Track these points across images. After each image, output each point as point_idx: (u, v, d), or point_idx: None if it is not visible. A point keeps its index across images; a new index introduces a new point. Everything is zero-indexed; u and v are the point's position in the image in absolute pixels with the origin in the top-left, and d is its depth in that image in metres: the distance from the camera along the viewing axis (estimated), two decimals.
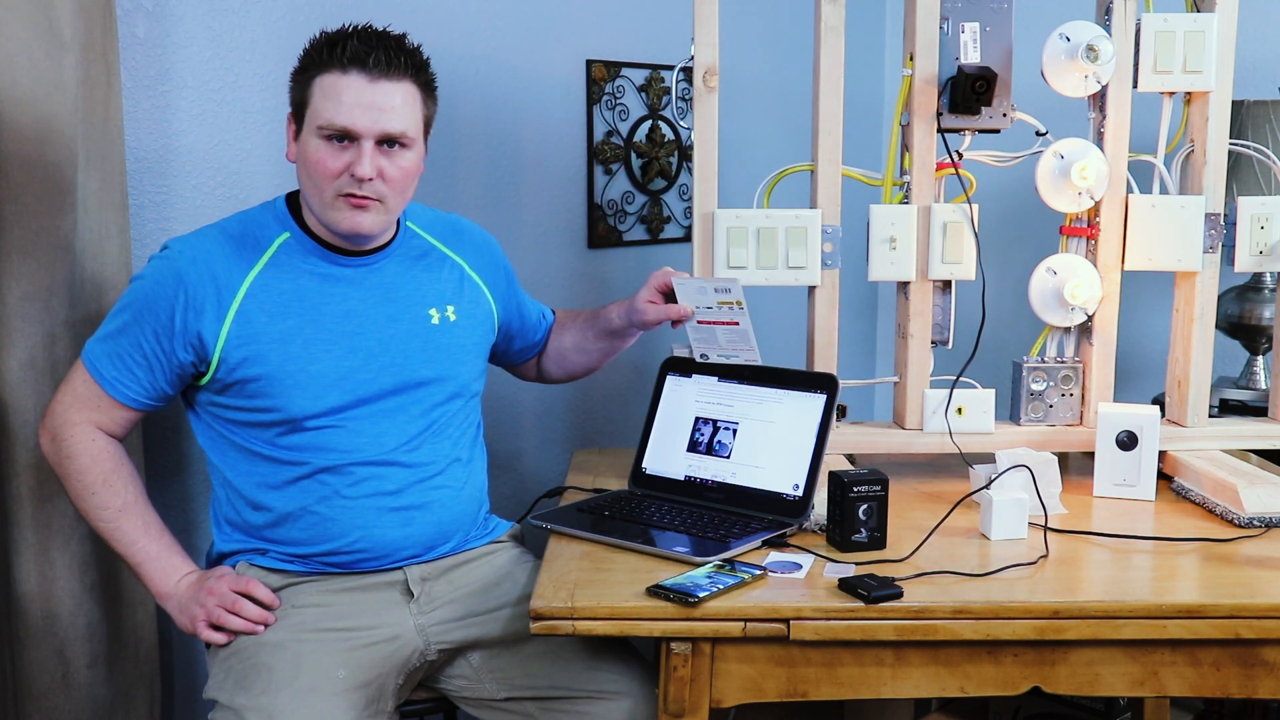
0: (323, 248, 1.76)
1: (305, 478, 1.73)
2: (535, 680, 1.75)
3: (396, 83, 1.68)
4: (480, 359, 1.90)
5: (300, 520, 1.74)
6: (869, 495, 1.70)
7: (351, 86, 1.65)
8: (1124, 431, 1.96)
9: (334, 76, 1.66)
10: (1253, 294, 2.49)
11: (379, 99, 1.66)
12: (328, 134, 1.66)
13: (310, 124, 1.68)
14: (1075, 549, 1.74)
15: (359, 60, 1.65)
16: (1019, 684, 1.57)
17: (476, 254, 1.93)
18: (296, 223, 1.77)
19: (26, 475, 1.82)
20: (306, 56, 1.70)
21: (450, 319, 1.84)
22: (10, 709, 1.88)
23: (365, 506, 1.74)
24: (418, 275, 1.83)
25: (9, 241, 1.78)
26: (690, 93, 1.98)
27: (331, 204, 1.69)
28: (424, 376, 1.79)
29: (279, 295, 1.73)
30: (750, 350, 1.89)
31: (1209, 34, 1.98)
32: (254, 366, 1.70)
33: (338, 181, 1.68)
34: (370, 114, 1.66)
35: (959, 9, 1.97)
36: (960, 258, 2.02)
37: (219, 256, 1.72)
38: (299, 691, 1.62)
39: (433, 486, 1.79)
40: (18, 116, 1.76)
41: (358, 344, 1.75)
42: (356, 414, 1.74)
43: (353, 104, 1.65)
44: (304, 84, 1.69)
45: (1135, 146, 2.04)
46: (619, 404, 2.73)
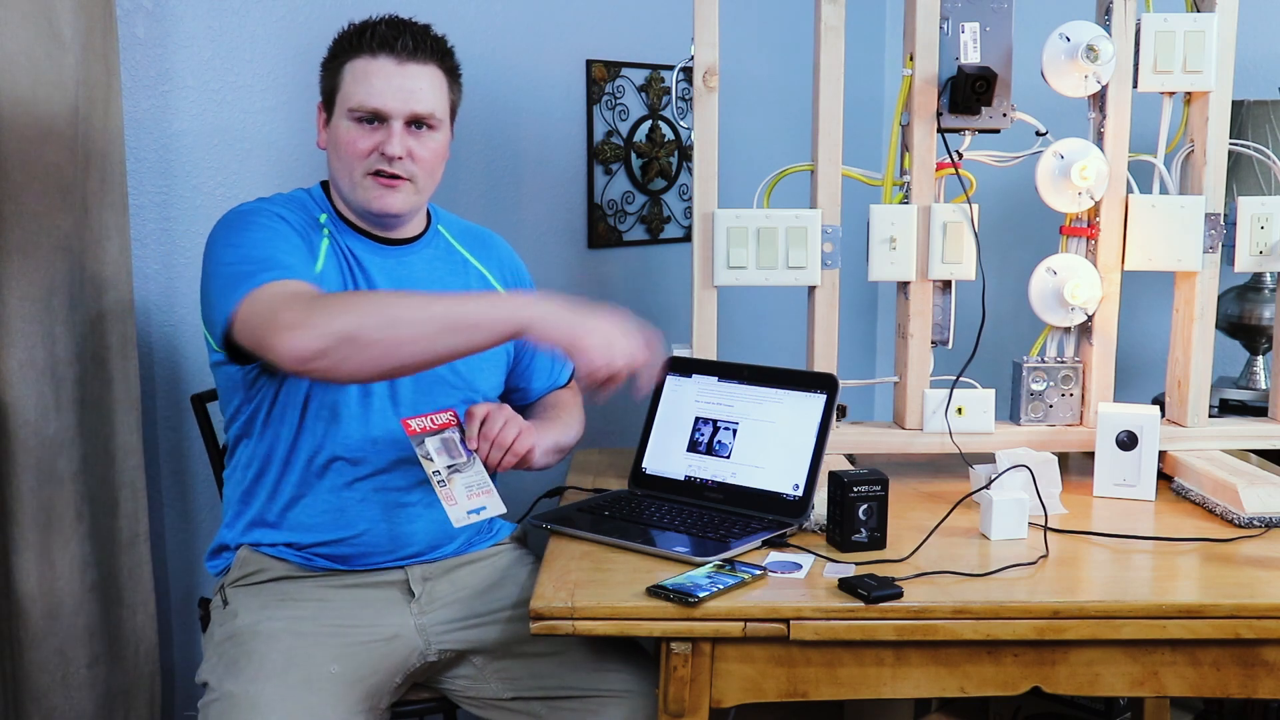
0: (357, 233, 1.79)
1: (325, 465, 1.74)
2: (543, 680, 1.75)
3: (423, 65, 1.73)
4: (498, 372, 1.90)
5: (315, 503, 1.74)
6: (869, 495, 1.70)
7: (381, 70, 1.71)
8: (1124, 431, 1.96)
9: (364, 61, 1.71)
10: (1253, 294, 2.49)
11: (407, 81, 1.72)
12: (358, 116, 1.71)
13: (341, 108, 1.73)
14: (1075, 549, 1.74)
15: (387, 44, 1.71)
16: (1019, 684, 1.57)
17: (501, 267, 1.95)
18: (333, 209, 1.80)
19: (26, 475, 1.82)
20: (336, 45, 1.76)
21: None
22: (10, 709, 1.88)
23: (374, 500, 1.75)
24: (443, 278, 1.85)
25: (9, 241, 1.78)
26: (690, 93, 1.98)
27: (361, 183, 1.73)
28: (440, 378, 1.79)
29: (344, 261, 1.76)
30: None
31: (1209, 34, 1.98)
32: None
33: (367, 160, 1.72)
34: (399, 95, 1.71)
35: (959, 9, 1.97)
36: (960, 258, 2.02)
37: (294, 215, 1.74)
38: (289, 683, 1.62)
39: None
40: (18, 116, 1.76)
41: None
42: (379, 407, 1.75)
43: (382, 86, 1.70)
44: (334, 71, 1.74)
45: (1135, 146, 2.04)
46: (619, 404, 2.73)
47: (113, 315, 1.93)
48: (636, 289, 2.77)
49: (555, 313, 1.56)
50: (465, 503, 1.69)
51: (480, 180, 2.46)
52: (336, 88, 1.74)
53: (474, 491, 1.71)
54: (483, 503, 1.71)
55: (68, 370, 1.86)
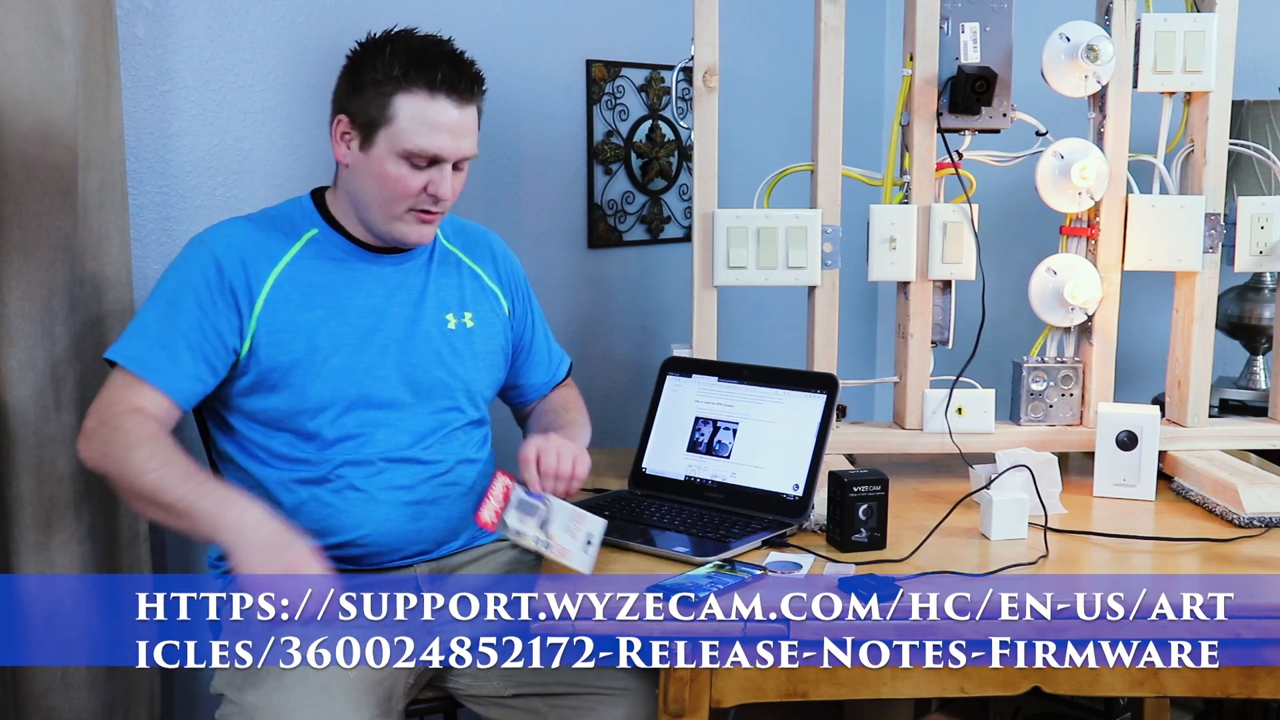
0: (350, 243, 1.78)
1: (324, 475, 1.73)
2: (544, 677, 1.75)
3: (472, 106, 1.72)
4: (494, 369, 1.90)
5: (313, 510, 1.73)
6: (869, 495, 1.70)
7: (443, 114, 1.67)
8: (1124, 431, 1.96)
9: (423, 100, 1.67)
10: (1253, 294, 2.49)
11: (463, 125, 1.70)
12: (415, 161, 1.68)
13: (390, 143, 1.68)
14: (1075, 549, 1.74)
15: (450, 86, 1.67)
16: (1019, 684, 1.57)
17: (495, 265, 1.94)
18: (325, 220, 1.78)
19: (27, 475, 1.82)
20: (384, 66, 1.67)
21: (467, 325, 1.85)
22: (10, 709, 1.88)
23: (381, 500, 1.75)
24: (438, 279, 1.84)
25: (9, 241, 1.78)
26: (690, 93, 1.98)
27: (402, 218, 1.72)
28: (437, 378, 1.80)
29: (306, 286, 1.74)
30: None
31: (1209, 34, 1.98)
32: (280, 355, 1.71)
33: (416, 199, 1.71)
34: (456, 141, 1.69)
35: (959, 9, 1.97)
36: (960, 258, 2.02)
37: (250, 245, 1.73)
38: (310, 690, 1.61)
39: (444, 483, 1.79)
40: (18, 116, 1.76)
41: (377, 341, 1.76)
42: (373, 410, 1.75)
43: (444, 131, 1.68)
44: (383, 99, 1.67)
45: (1135, 146, 2.04)
46: (619, 404, 2.73)
47: (112, 315, 1.93)
48: (636, 289, 2.77)
49: (250, 552, 1.55)
50: (576, 542, 1.64)
51: (480, 180, 2.46)
52: (386, 120, 1.67)
53: (573, 527, 1.65)
54: (586, 530, 1.65)
55: (68, 370, 1.86)
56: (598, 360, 2.72)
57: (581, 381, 2.23)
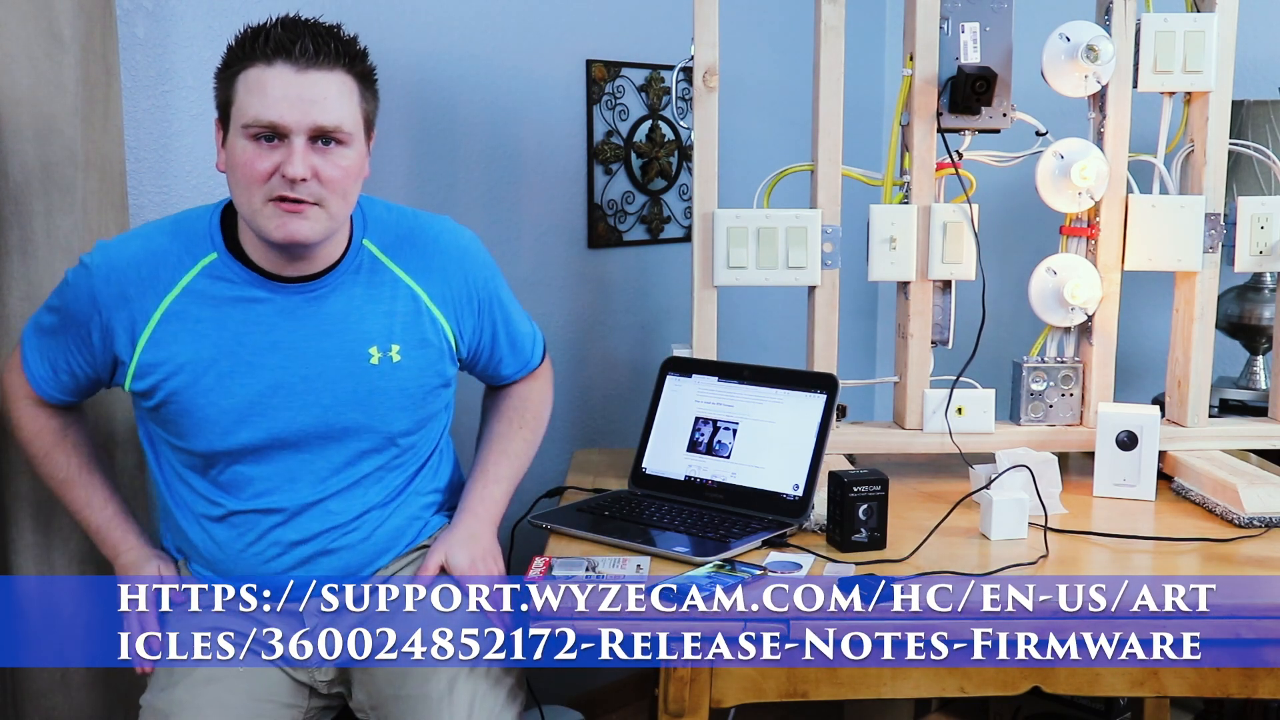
0: (252, 271, 1.60)
1: (219, 516, 1.65)
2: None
3: (328, 72, 1.51)
4: (421, 407, 1.70)
5: (206, 555, 1.67)
6: (869, 495, 1.70)
7: (278, 78, 1.49)
8: (1124, 431, 1.96)
9: (258, 70, 1.50)
10: (1253, 294, 2.49)
11: (308, 90, 1.50)
12: (254, 132, 1.50)
13: (235, 124, 1.52)
14: (1075, 549, 1.74)
15: (284, 49, 1.49)
16: (1019, 684, 1.57)
17: (442, 278, 1.70)
18: (226, 242, 1.61)
19: (27, 475, 1.82)
20: (230, 53, 1.55)
21: (393, 359, 1.65)
22: (10, 709, 1.88)
23: (266, 555, 1.65)
24: (362, 306, 1.64)
25: (9, 241, 1.78)
26: (690, 93, 1.98)
27: (262, 210, 1.52)
28: (351, 421, 1.64)
29: (196, 323, 1.59)
30: None
31: (1209, 34, 1.98)
32: (163, 396, 1.60)
33: (268, 184, 1.51)
34: (299, 106, 1.49)
35: (959, 9, 1.97)
36: (960, 258, 2.02)
37: (137, 275, 1.59)
38: (194, 683, 1.60)
39: (342, 533, 1.67)
40: (18, 116, 1.76)
41: (280, 379, 1.60)
42: (270, 455, 1.62)
43: (279, 97, 1.49)
44: (228, 82, 1.54)
45: (1135, 146, 2.04)
46: (619, 404, 2.73)
47: None
48: (636, 289, 2.77)
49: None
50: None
51: (480, 180, 2.46)
52: (230, 101, 1.53)
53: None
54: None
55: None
56: (598, 360, 2.72)
57: (581, 381, 2.23)
